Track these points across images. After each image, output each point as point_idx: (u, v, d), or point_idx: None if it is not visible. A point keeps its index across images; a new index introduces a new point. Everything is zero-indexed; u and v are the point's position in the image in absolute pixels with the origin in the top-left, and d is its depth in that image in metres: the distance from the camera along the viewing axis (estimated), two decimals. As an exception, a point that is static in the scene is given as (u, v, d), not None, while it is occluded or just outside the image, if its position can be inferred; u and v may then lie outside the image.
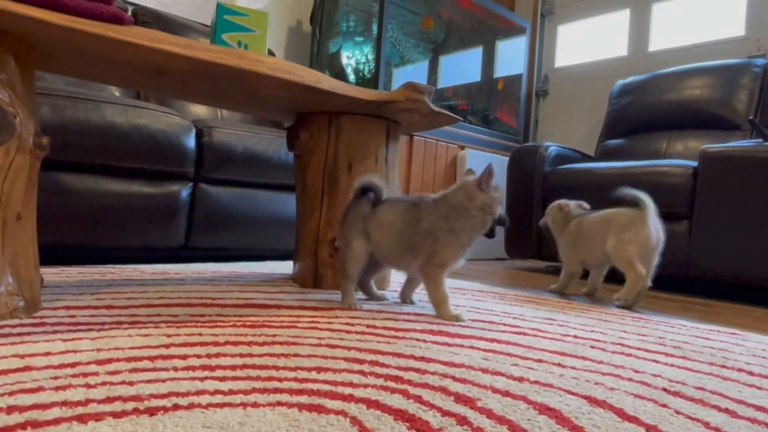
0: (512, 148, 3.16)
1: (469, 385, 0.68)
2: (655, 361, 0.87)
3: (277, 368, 0.69)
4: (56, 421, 0.49)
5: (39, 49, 0.95)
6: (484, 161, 2.98)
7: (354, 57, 3.11)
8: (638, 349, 0.95)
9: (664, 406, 0.65)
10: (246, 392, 0.60)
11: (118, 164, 1.54)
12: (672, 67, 2.68)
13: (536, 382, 0.71)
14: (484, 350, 0.86)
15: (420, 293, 1.33)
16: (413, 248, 1.11)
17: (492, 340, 0.93)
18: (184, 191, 1.69)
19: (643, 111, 2.64)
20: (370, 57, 2.98)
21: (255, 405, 0.56)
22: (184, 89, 1.26)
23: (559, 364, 0.80)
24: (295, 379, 0.65)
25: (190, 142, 1.68)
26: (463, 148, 2.96)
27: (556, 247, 1.71)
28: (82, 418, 0.50)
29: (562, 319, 1.18)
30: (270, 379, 0.65)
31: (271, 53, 2.57)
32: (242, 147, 1.80)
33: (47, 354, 0.69)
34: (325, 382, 0.65)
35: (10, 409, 0.51)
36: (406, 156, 2.72)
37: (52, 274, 1.32)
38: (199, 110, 2.29)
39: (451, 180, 2.92)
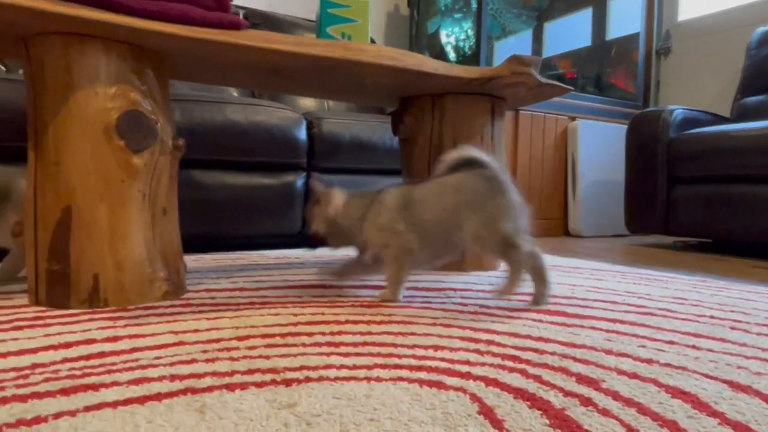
0: (631, 114, 2.92)
1: (591, 366, 0.65)
2: (812, 344, 0.77)
3: (395, 345, 0.72)
4: (209, 389, 0.56)
5: (171, 60, 1.06)
6: (598, 132, 2.79)
7: (453, 35, 3.06)
8: (790, 330, 0.85)
9: (826, 394, 0.58)
10: (369, 367, 0.63)
11: (239, 159, 1.68)
12: (828, 6, 2.29)
13: (667, 365, 0.66)
14: (607, 331, 0.82)
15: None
16: None
17: (614, 321, 0.88)
18: (299, 181, 1.80)
19: (791, 60, 2.30)
20: (470, 33, 2.91)
21: (378, 379, 0.60)
22: (295, 85, 1.34)
23: (693, 346, 0.75)
24: (414, 356, 0.68)
25: (302, 134, 1.78)
26: (573, 119, 2.80)
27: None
28: (230, 387, 0.57)
29: (695, 299, 1.09)
30: (390, 355, 0.68)
31: (371, 41, 2.61)
32: (349, 135, 1.87)
33: (196, 331, 0.78)
34: (443, 359, 0.67)
35: (173, 378, 0.59)
36: (512, 132, 2.63)
37: (191, 261, 1.48)
38: (308, 103, 2.41)
39: (562, 154, 2.77)
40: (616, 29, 3.26)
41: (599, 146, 2.79)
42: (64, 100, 0.89)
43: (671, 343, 0.76)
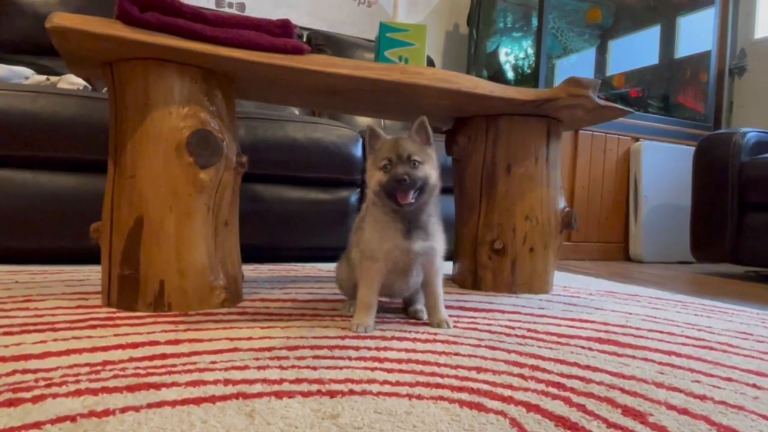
0: (699, 136, 2.78)
1: (639, 398, 0.64)
2: None
3: (438, 365, 0.73)
4: (259, 395, 0.59)
5: (238, 82, 1.13)
6: (663, 153, 2.68)
7: (513, 53, 3.05)
8: None
9: None
10: (411, 385, 0.65)
11: (297, 174, 1.74)
12: None
13: (723, 403, 0.64)
14: (660, 363, 0.79)
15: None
16: None
17: (670, 353, 0.85)
18: (353, 196, 1.84)
19: None
20: (530, 51, 2.89)
21: (419, 397, 0.61)
22: (353, 105, 1.38)
23: (753, 385, 0.71)
24: (456, 377, 0.69)
25: (358, 151, 1.82)
26: (637, 139, 2.71)
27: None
28: (278, 395, 0.60)
29: (762, 335, 1.03)
30: (432, 374, 0.69)
31: (429, 61, 2.65)
32: (404, 153, 1.90)
33: (249, 338, 0.82)
34: (485, 382, 0.67)
35: (226, 382, 0.63)
36: (571, 152, 2.57)
37: (248, 270, 1.55)
38: (365, 121, 2.46)
39: (623, 176, 2.68)
40: (686, 47, 3.14)
41: (664, 168, 2.67)
42: (142, 119, 0.97)
43: (729, 380, 0.73)
